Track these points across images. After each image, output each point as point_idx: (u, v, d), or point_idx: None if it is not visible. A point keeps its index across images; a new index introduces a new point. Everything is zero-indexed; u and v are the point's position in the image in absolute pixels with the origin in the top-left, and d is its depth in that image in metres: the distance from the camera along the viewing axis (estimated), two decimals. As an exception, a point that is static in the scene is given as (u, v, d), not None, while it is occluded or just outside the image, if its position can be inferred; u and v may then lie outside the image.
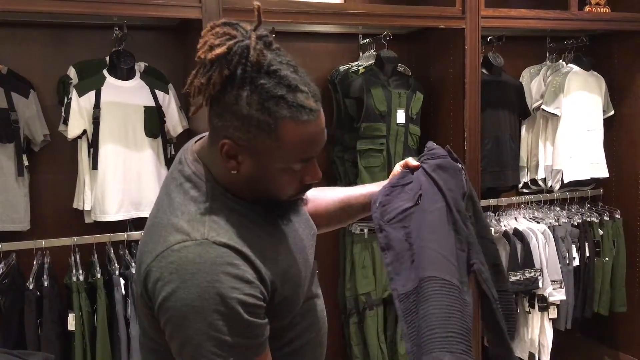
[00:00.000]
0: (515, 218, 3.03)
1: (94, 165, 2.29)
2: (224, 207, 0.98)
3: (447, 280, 1.06)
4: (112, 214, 2.30)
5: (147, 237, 0.99)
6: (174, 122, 2.47)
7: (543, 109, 3.04)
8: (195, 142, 1.08)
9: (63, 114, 2.31)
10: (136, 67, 2.41)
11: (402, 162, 1.29)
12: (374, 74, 2.66)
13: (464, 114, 2.60)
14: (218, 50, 0.90)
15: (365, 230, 2.75)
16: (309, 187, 1.02)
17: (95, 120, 2.27)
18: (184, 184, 1.01)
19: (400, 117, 2.66)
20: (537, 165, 3.14)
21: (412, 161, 1.26)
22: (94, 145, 2.29)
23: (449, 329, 1.01)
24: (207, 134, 1.06)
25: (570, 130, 3.04)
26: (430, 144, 1.29)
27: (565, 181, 3.05)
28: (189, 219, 0.95)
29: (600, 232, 3.08)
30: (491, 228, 2.84)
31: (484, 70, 2.84)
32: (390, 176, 1.29)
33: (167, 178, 1.06)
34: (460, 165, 1.26)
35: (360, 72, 2.68)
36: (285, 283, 1.00)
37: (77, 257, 2.27)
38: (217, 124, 0.96)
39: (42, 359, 0.99)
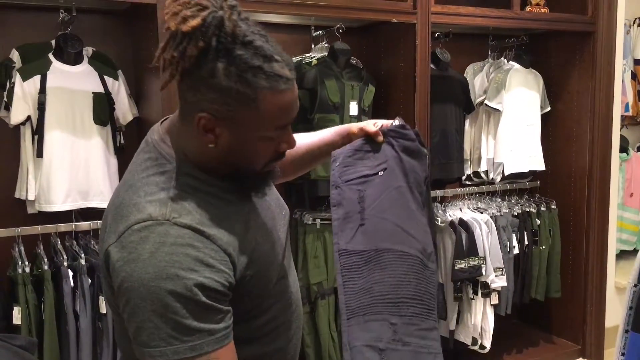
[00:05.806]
0: (460, 208, 3.14)
1: (39, 153, 2.19)
2: (187, 186, 0.96)
3: (404, 252, 1.13)
4: (59, 204, 2.21)
5: (109, 219, 0.96)
6: (124, 110, 2.40)
7: (486, 104, 3.17)
8: (162, 122, 1.06)
9: (5, 99, 2.19)
10: (84, 52, 2.33)
11: (360, 125, 1.30)
12: (328, 65, 2.69)
13: (414, 107, 2.67)
14: (193, 22, 0.88)
15: (318, 221, 2.77)
16: (282, 155, 1.02)
17: (41, 106, 2.17)
18: (148, 164, 0.99)
19: (353, 109, 2.69)
20: (479, 158, 3.26)
21: (369, 127, 1.29)
22: (39, 132, 2.19)
23: (401, 294, 1.08)
24: (171, 115, 1.04)
25: (510, 125, 3.18)
26: (401, 120, 1.32)
27: (506, 173, 3.19)
28: (151, 199, 0.92)
29: (538, 221, 3.25)
30: (437, 218, 2.94)
31: (431, 66, 2.92)
32: (350, 128, 1.31)
33: (133, 162, 1.04)
34: (425, 151, 1.30)
35: (313, 64, 2.69)
36: (256, 260, 1.00)
37: (22, 248, 2.17)
38: (190, 98, 0.94)
39: (26, 342, 0.94)
